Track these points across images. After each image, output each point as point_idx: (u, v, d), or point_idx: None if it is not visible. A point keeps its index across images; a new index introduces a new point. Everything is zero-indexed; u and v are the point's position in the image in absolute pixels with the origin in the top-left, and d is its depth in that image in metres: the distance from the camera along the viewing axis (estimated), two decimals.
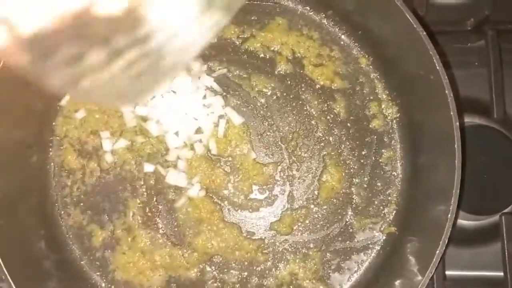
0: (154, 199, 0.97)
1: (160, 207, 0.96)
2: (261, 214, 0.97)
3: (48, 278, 0.90)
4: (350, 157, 0.98)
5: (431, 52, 0.79)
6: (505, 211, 0.97)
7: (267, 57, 1.02)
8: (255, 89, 1.00)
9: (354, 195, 0.97)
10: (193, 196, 0.96)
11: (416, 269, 0.81)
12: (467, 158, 0.88)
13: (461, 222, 1.01)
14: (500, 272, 0.96)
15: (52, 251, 0.94)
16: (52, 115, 0.99)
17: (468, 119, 1.03)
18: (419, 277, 0.78)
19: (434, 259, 0.75)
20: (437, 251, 0.75)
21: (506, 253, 0.96)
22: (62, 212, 0.97)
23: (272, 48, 1.02)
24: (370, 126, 0.99)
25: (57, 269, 0.92)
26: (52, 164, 0.98)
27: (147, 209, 0.96)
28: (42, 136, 0.98)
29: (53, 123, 0.99)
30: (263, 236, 0.96)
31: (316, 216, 0.96)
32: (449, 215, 0.76)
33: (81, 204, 0.97)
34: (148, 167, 0.97)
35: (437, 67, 0.78)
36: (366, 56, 1.01)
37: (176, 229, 0.96)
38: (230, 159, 0.98)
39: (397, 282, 0.86)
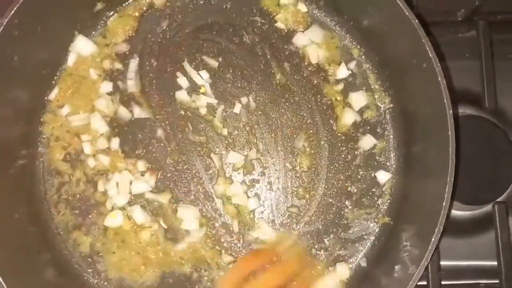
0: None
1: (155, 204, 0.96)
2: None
3: (39, 275, 0.88)
4: (344, 148, 0.98)
5: (423, 40, 0.78)
6: (498, 200, 0.98)
7: None
8: None
9: (348, 187, 0.97)
10: None
11: (411, 259, 0.81)
12: (459, 149, 0.88)
13: (454, 212, 1.01)
14: (494, 261, 0.96)
15: (43, 248, 0.92)
16: (40, 110, 0.97)
17: (460, 110, 1.04)
18: (414, 266, 0.78)
19: (429, 247, 0.75)
20: (433, 239, 0.75)
21: (500, 242, 0.96)
22: (52, 209, 0.95)
23: None
24: (363, 117, 0.99)
25: (49, 266, 0.91)
26: (41, 159, 0.96)
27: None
28: (30, 132, 0.96)
29: (41, 119, 0.97)
30: None
31: (311, 208, 0.96)
32: (443, 203, 0.75)
33: (70, 204, 0.95)
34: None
35: (430, 55, 0.78)
36: (358, 47, 1.00)
37: (170, 225, 0.95)
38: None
39: (393, 272, 0.85)
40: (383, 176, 0.96)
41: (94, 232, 0.94)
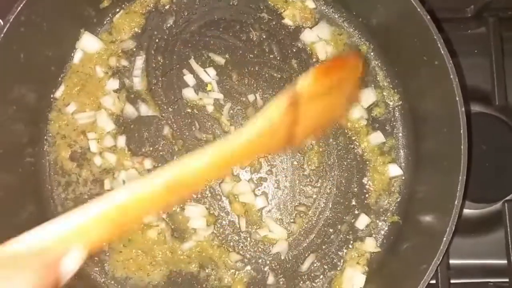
0: None
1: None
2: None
3: None
4: (352, 146, 0.97)
5: (435, 37, 0.77)
6: (507, 198, 0.97)
7: None
8: None
9: (357, 185, 0.96)
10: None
11: (422, 258, 0.79)
12: (470, 147, 0.88)
13: (464, 211, 1.00)
14: (503, 260, 0.96)
15: None
16: (46, 108, 0.96)
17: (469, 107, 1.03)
18: (425, 266, 0.77)
19: (441, 247, 0.74)
20: (444, 238, 0.74)
21: (510, 241, 0.95)
22: (59, 207, 0.94)
23: None
24: (372, 115, 0.98)
25: None
26: (47, 158, 0.96)
27: None
28: (36, 130, 0.95)
29: (47, 117, 0.96)
30: None
31: (319, 206, 0.95)
32: (455, 202, 0.74)
33: (77, 202, 0.94)
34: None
35: (442, 52, 0.77)
36: (367, 44, 0.99)
37: (177, 223, 0.94)
38: None
39: (402, 271, 0.85)
40: (394, 171, 0.95)
41: None
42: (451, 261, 0.96)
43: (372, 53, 0.99)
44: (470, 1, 1.04)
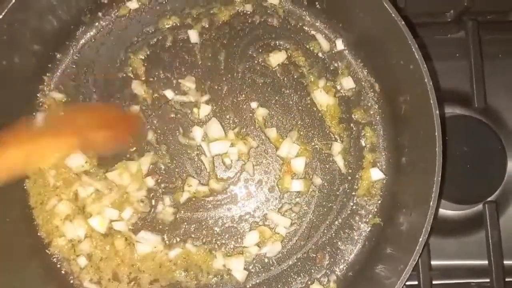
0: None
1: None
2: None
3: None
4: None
5: (410, 41, 0.79)
6: (488, 199, 0.98)
7: None
8: None
9: (339, 187, 0.97)
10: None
11: (400, 259, 0.81)
12: (450, 149, 0.89)
13: (445, 212, 1.01)
14: (484, 260, 0.97)
15: (35, 256, 0.92)
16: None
17: (449, 110, 1.04)
18: (402, 266, 0.78)
19: (417, 247, 0.75)
20: (420, 239, 0.75)
21: (490, 242, 0.96)
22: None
23: None
24: (353, 117, 0.99)
25: (44, 278, 0.91)
26: None
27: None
28: None
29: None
30: None
31: (302, 208, 0.97)
32: (431, 203, 0.76)
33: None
34: None
35: (416, 56, 0.78)
36: (347, 49, 1.00)
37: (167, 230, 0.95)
38: None
39: (382, 272, 0.85)
40: (376, 174, 0.96)
41: (89, 242, 0.94)
42: (433, 262, 0.98)
43: (352, 57, 1.00)
44: (450, 6, 1.06)
